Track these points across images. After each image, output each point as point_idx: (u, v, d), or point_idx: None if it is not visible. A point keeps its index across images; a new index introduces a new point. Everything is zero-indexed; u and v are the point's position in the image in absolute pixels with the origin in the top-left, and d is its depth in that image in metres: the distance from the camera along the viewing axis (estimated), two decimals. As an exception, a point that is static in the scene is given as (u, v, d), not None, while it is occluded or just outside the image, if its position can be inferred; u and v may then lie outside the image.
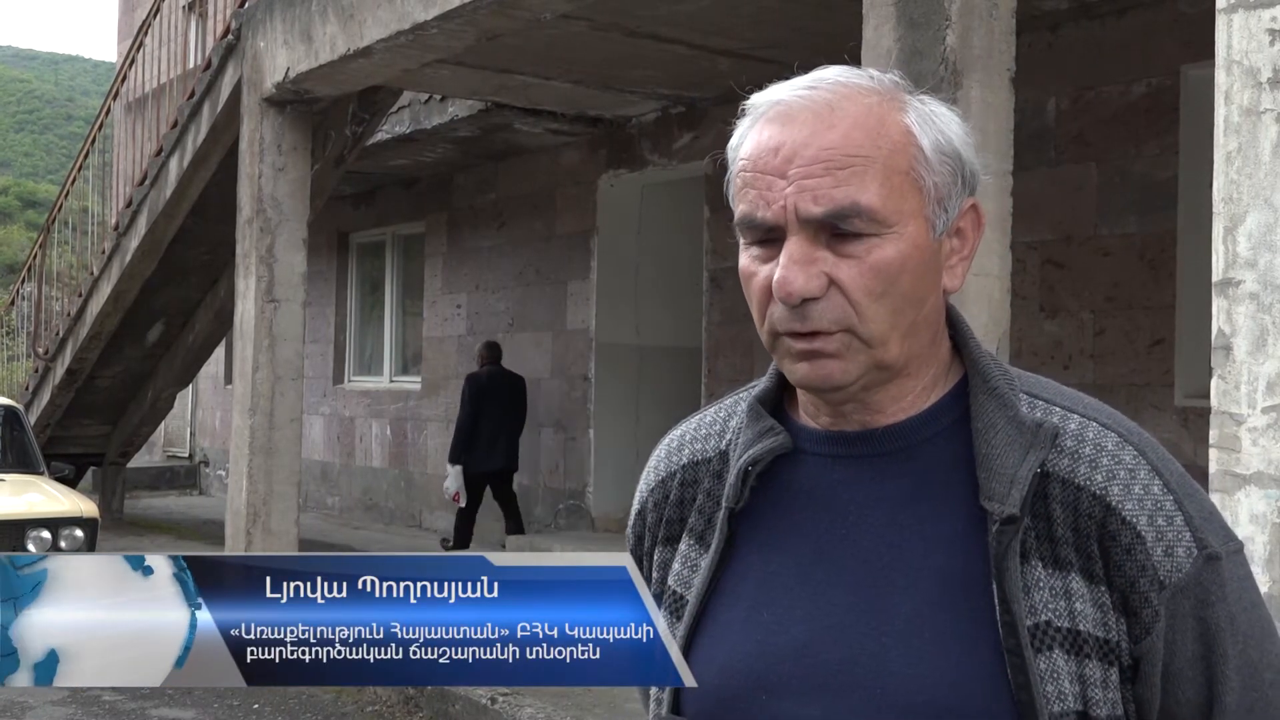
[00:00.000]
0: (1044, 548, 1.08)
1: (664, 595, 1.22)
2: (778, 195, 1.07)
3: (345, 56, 7.30)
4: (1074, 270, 6.66)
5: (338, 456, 13.31)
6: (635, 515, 1.29)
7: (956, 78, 4.02)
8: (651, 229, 10.19)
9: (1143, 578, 1.06)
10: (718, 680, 1.13)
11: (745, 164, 1.11)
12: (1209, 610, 1.08)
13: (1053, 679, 1.04)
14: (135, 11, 15.38)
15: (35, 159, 60.15)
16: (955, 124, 1.13)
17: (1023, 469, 1.08)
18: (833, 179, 1.06)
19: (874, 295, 1.07)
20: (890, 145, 1.09)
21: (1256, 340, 2.88)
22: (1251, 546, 2.86)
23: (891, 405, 1.14)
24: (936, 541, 1.10)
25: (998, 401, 1.13)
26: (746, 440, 1.18)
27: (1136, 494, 1.08)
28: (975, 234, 1.16)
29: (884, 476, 1.14)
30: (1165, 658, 1.07)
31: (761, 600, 1.14)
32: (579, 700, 5.82)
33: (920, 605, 1.08)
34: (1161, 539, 1.07)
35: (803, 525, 1.15)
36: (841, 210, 1.06)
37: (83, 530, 7.69)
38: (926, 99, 1.14)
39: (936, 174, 1.11)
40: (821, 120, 1.08)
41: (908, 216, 1.09)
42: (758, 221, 1.09)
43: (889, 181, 1.08)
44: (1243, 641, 1.09)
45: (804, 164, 1.07)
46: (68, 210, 12.18)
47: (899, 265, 1.08)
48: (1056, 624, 1.06)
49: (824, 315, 1.07)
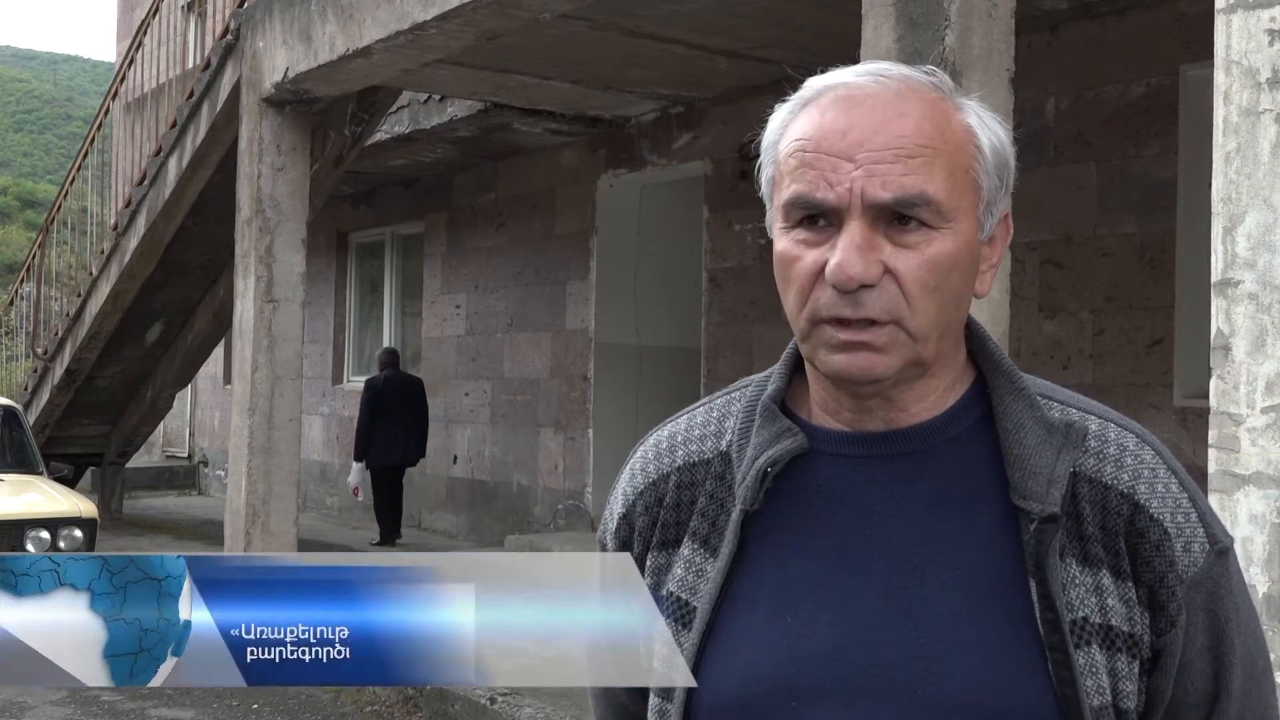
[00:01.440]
0: (1075, 545, 1.09)
1: (661, 602, 1.18)
2: (843, 177, 1.06)
3: (344, 56, 7.30)
4: (1074, 270, 6.66)
5: (337, 456, 13.30)
6: (619, 519, 1.24)
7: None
8: (651, 229, 10.19)
9: (1170, 573, 1.09)
10: (739, 688, 1.11)
11: (805, 144, 1.09)
12: (1219, 603, 1.11)
13: (1092, 673, 1.06)
14: (134, 11, 15.38)
15: (34, 159, 60.18)
16: (1005, 132, 1.15)
17: (1059, 468, 1.09)
18: (903, 166, 1.06)
19: (927, 289, 1.07)
20: (955, 141, 1.10)
21: (1255, 340, 2.88)
22: (1251, 546, 2.86)
23: (916, 404, 1.14)
24: (967, 542, 1.10)
25: (1025, 402, 1.13)
26: (762, 441, 1.16)
27: (1160, 492, 1.10)
28: (1003, 243, 1.18)
29: (909, 477, 1.13)
30: (1182, 650, 1.10)
31: (783, 605, 1.12)
32: (579, 700, 5.82)
33: (956, 606, 1.08)
34: (1181, 535, 1.10)
35: (824, 527, 1.13)
36: (910, 198, 1.06)
37: (82, 530, 7.69)
38: (981, 104, 1.15)
39: (990, 177, 1.12)
40: (892, 108, 1.08)
41: (964, 214, 1.10)
42: (816, 201, 1.08)
43: (953, 176, 1.08)
44: (1244, 631, 1.13)
45: (874, 149, 1.07)
46: (67, 210, 12.17)
47: (953, 261, 1.08)
48: (1092, 620, 1.07)
49: (877, 303, 1.07)
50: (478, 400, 11.37)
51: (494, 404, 11.16)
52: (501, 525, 10.88)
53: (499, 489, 11.08)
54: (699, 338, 9.25)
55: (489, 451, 11.21)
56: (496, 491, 11.11)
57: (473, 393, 11.44)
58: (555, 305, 10.51)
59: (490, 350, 11.25)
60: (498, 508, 11.08)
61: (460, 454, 11.57)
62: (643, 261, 10.17)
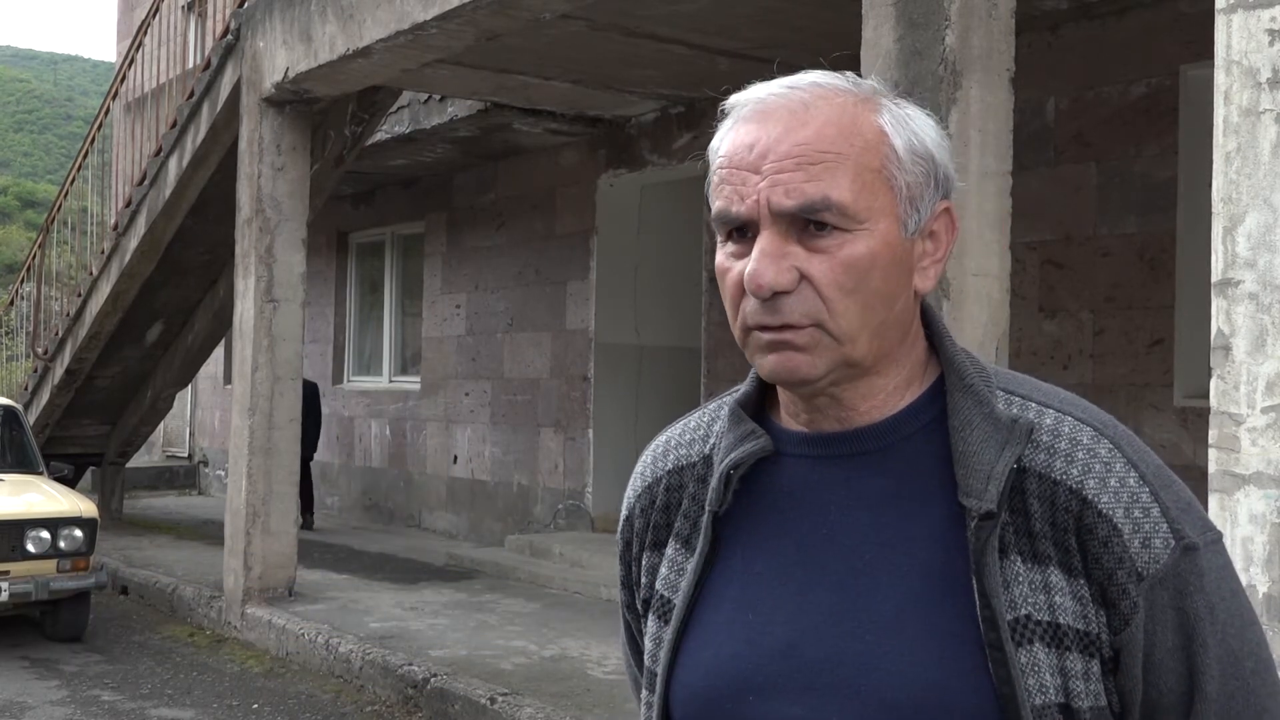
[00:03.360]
0: (1022, 542, 1.09)
1: (652, 600, 1.23)
2: (751, 190, 1.09)
3: (345, 56, 7.30)
4: (1074, 270, 6.67)
5: (337, 456, 13.31)
6: (624, 522, 1.31)
7: (956, 78, 4.02)
8: (651, 229, 10.19)
9: (1120, 569, 1.07)
10: (704, 682, 1.15)
11: (723, 160, 1.13)
12: (1187, 600, 1.08)
13: (1034, 672, 1.05)
14: (135, 11, 15.38)
15: (34, 159, 60.22)
16: (931, 128, 1.15)
17: (999, 465, 1.09)
18: (805, 174, 1.08)
19: (844, 290, 1.08)
20: (863, 143, 1.10)
21: (1256, 340, 2.88)
22: (1251, 546, 2.86)
23: (863, 404, 1.15)
24: (917, 539, 1.11)
25: (973, 398, 1.14)
26: (729, 444, 1.19)
27: (1112, 487, 1.09)
28: (949, 236, 1.18)
29: (863, 476, 1.15)
30: (1145, 649, 1.08)
31: (745, 602, 1.15)
32: (579, 700, 5.82)
33: (903, 603, 1.09)
34: (1139, 531, 1.07)
35: (785, 526, 1.16)
36: (813, 204, 1.07)
37: (82, 530, 7.69)
38: (904, 103, 1.15)
39: (909, 174, 1.12)
40: (796, 118, 1.10)
41: (879, 214, 1.10)
42: (731, 216, 1.11)
43: (860, 178, 1.09)
44: (1222, 630, 1.10)
45: (777, 159, 1.09)
46: (67, 210, 12.17)
47: (869, 261, 1.09)
48: (1036, 618, 1.07)
49: (794, 309, 1.08)
50: (478, 400, 11.38)
51: (494, 404, 11.17)
52: (501, 525, 10.89)
53: (499, 489, 11.08)
54: (699, 338, 9.26)
55: (489, 451, 11.21)
56: (496, 491, 11.11)
57: (473, 393, 11.44)
58: (555, 305, 10.51)
59: (490, 350, 11.26)
60: (498, 508, 11.08)
61: (460, 454, 11.58)
62: (643, 261, 10.18)
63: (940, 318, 1.21)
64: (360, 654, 6.78)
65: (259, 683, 6.97)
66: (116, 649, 7.81)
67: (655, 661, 1.21)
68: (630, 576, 1.29)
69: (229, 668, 7.32)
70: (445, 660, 6.57)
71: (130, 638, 8.13)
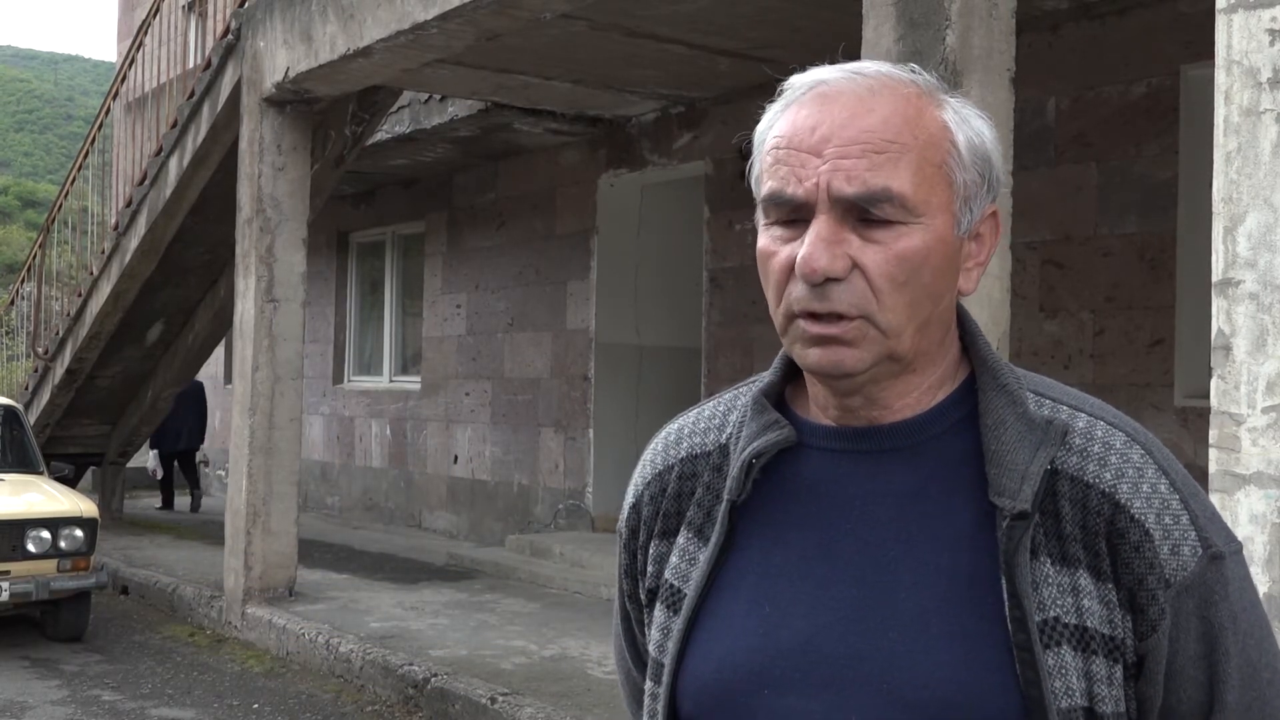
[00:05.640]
0: (1052, 544, 1.08)
1: (660, 589, 1.21)
2: (811, 173, 1.07)
3: (345, 56, 7.30)
4: (1074, 270, 6.66)
5: (337, 456, 13.31)
6: (629, 509, 1.28)
7: (956, 78, 4.01)
8: (651, 229, 10.19)
9: (1150, 575, 1.06)
10: (717, 674, 1.13)
11: (779, 140, 1.10)
12: (1212, 609, 1.08)
13: (1061, 675, 1.05)
14: (135, 11, 15.38)
15: (35, 159, 60.23)
16: (987, 129, 1.14)
17: (1034, 465, 1.08)
18: (868, 162, 1.06)
19: (896, 283, 1.07)
20: (927, 136, 1.09)
21: (1256, 340, 2.87)
22: (1251, 546, 2.86)
23: (898, 401, 1.14)
24: (944, 538, 1.10)
25: (1007, 398, 1.13)
26: (750, 433, 1.18)
27: (1145, 492, 1.08)
28: (993, 240, 1.17)
29: (890, 472, 1.13)
30: (1169, 656, 1.07)
31: (763, 594, 1.13)
32: (579, 700, 5.82)
33: (927, 601, 1.08)
34: (1168, 537, 1.07)
35: (806, 519, 1.15)
36: (873, 193, 1.06)
37: (82, 530, 7.70)
38: (964, 101, 1.15)
39: (968, 172, 1.11)
40: (862, 104, 1.08)
41: (936, 209, 1.09)
42: (786, 197, 1.08)
43: (922, 171, 1.08)
44: (1243, 641, 1.09)
45: (841, 144, 1.07)
46: (67, 210, 12.17)
47: (923, 256, 1.08)
48: (1065, 620, 1.06)
49: (844, 298, 1.07)
50: (478, 400, 11.38)
51: (494, 404, 11.17)
52: (502, 525, 10.89)
53: (499, 489, 11.08)
54: (699, 338, 9.26)
55: (489, 451, 11.21)
56: (497, 491, 11.11)
57: (473, 392, 11.44)
58: (556, 305, 10.51)
59: (491, 350, 11.26)
60: (498, 507, 11.08)
61: (461, 454, 11.58)
62: (643, 261, 10.18)
63: (972, 318, 1.20)
64: (360, 654, 6.78)
65: (259, 682, 6.97)
66: (117, 649, 7.81)
67: (662, 652, 1.18)
68: (635, 565, 1.27)
69: (229, 667, 7.32)
70: (445, 660, 6.57)
71: (131, 637, 8.13)
